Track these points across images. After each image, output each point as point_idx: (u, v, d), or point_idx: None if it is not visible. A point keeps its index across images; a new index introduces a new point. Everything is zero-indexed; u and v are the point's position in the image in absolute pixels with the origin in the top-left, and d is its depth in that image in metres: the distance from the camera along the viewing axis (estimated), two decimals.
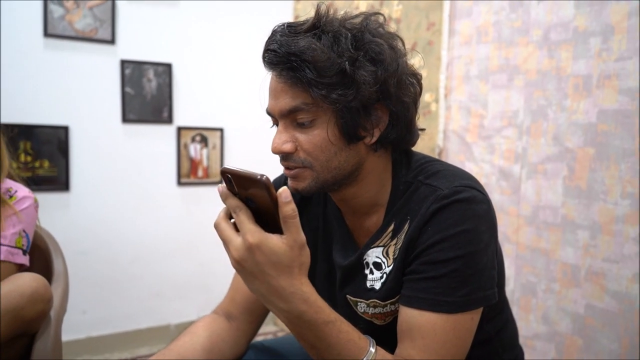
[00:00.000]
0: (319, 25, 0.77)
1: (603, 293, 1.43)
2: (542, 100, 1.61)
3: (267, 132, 0.87)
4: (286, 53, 0.75)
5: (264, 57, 0.78)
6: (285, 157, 0.81)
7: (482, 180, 1.81)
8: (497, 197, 1.76)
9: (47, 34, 2.22)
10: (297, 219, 0.66)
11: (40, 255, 1.39)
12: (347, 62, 0.75)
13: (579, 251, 1.49)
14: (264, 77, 0.82)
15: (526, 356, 1.58)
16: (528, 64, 1.66)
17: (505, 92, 1.75)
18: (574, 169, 1.51)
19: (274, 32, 0.78)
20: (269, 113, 0.83)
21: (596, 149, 1.45)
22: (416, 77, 0.85)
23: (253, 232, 0.65)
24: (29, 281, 1.08)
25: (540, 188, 1.62)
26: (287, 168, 0.83)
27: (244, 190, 0.67)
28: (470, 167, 1.87)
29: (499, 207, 1.74)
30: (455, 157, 1.94)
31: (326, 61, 0.74)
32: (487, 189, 1.74)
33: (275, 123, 0.83)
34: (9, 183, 1.27)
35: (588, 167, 1.47)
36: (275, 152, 0.81)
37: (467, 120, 1.90)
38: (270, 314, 1.13)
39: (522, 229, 1.67)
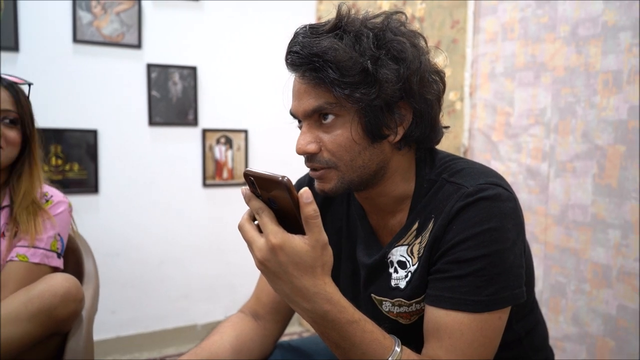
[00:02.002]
0: (341, 26, 0.78)
1: (635, 294, 1.40)
2: (570, 97, 1.58)
3: (291, 133, 0.88)
4: (309, 54, 0.75)
5: (286, 59, 0.79)
6: (309, 158, 0.82)
7: (509, 180, 1.78)
8: (524, 197, 1.74)
9: (76, 39, 2.28)
10: (319, 219, 0.67)
11: (71, 256, 1.42)
12: (369, 61, 0.75)
13: (610, 251, 1.46)
14: (288, 79, 0.83)
15: (556, 357, 1.55)
16: (555, 61, 1.63)
17: (532, 90, 1.72)
18: (604, 167, 1.48)
19: (296, 34, 0.79)
20: (292, 114, 0.84)
21: (627, 146, 1.42)
22: (439, 74, 0.85)
23: (275, 233, 0.67)
24: (61, 281, 1.11)
25: (569, 187, 1.59)
26: (312, 169, 0.83)
27: (266, 192, 0.68)
28: (496, 166, 1.85)
29: (527, 207, 1.72)
30: (481, 156, 1.92)
31: (348, 60, 0.75)
32: (514, 188, 1.72)
33: (300, 124, 0.84)
34: (44, 187, 1.30)
35: (619, 165, 1.44)
36: (299, 152, 0.81)
37: (493, 119, 1.88)
38: (296, 315, 1.14)
39: (551, 228, 1.65)
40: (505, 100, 1.83)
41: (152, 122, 2.46)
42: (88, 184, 2.36)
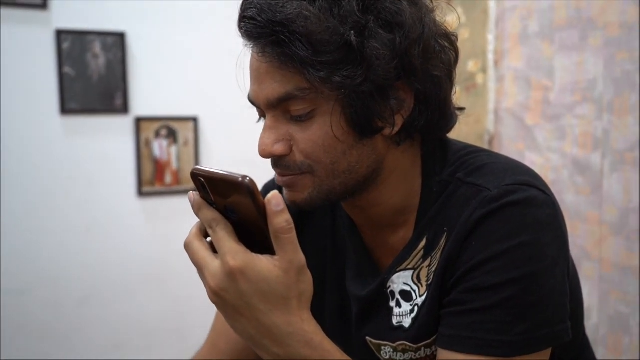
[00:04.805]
0: None
1: None
2: (628, 64, 1.61)
3: (256, 121, 0.88)
4: (269, 22, 0.74)
5: (240, 27, 0.78)
6: (277, 161, 0.82)
7: (550, 176, 1.81)
8: (570, 199, 1.76)
9: None
10: (293, 233, 0.67)
11: None
12: (352, 32, 0.75)
13: None
14: (245, 49, 0.83)
15: None
16: (607, 16, 1.66)
17: (577, 55, 1.74)
18: None
19: None
20: (252, 102, 0.84)
21: None
22: (449, 39, 0.85)
23: (235, 252, 0.66)
24: None
25: (629, 184, 1.61)
26: (280, 175, 0.83)
27: (222, 198, 0.68)
28: (532, 159, 1.87)
29: (574, 212, 1.74)
30: (511, 146, 1.94)
31: (324, 32, 0.74)
32: (557, 188, 1.74)
33: (262, 115, 0.84)
34: None
35: None
36: (263, 155, 0.81)
37: (527, 95, 1.90)
38: None
39: (607, 240, 1.67)
40: (542, 70, 1.85)
41: (65, 110, 2.44)
42: None
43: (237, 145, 2.64)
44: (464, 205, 0.81)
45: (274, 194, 0.66)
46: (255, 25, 0.76)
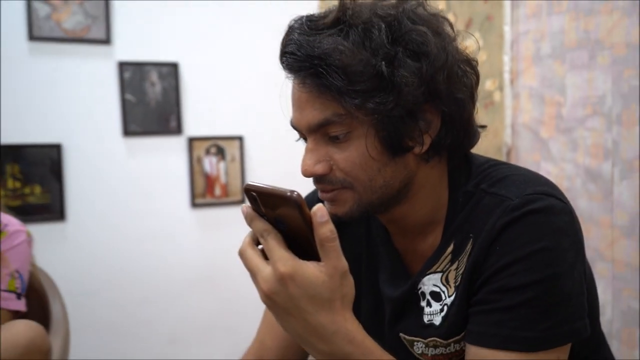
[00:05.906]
0: (345, 19, 0.78)
1: None
2: (634, 80, 1.58)
3: (295, 139, 0.89)
4: (308, 57, 0.76)
5: (281, 61, 0.80)
6: (319, 178, 0.83)
7: (564, 185, 1.78)
8: (584, 205, 1.73)
9: (32, 37, 2.31)
10: (337, 242, 0.68)
11: (35, 298, 1.44)
12: (383, 62, 0.76)
13: None
14: (286, 79, 0.84)
15: None
16: (614, 36, 1.63)
17: (587, 73, 1.72)
18: None
19: (290, 29, 0.80)
20: (294, 127, 0.85)
21: None
22: (470, 64, 0.85)
23: (285, 259, 0.67)
24: (23, 330, 1.12)
25: (638, 190, 1.58)
26: (322, 191, 0.85)
27: (272, 210, 0.69)
28: (547, 169, 1.85)
29: (588, 217, 1.71)
30: (528, 157, 1.92)
31: (357, 64, 0.75)
32: (571, 195, 1.72)
33: (303, 137, 0.85)
34: None
35: None
36: (306, 175, 0.83)
37: (541, 111, 1.88)
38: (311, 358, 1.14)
39: (619, 242, 1.64)
40: (554, 87, 1.83)
41: (127, 132, 2.49)
42: (52, 209, 2.37)
43: (278, 160, 2.66)
44: (488, 214, 0.81)
45: (319, 206, 0.67)
46: (296, 60, 0.78)
